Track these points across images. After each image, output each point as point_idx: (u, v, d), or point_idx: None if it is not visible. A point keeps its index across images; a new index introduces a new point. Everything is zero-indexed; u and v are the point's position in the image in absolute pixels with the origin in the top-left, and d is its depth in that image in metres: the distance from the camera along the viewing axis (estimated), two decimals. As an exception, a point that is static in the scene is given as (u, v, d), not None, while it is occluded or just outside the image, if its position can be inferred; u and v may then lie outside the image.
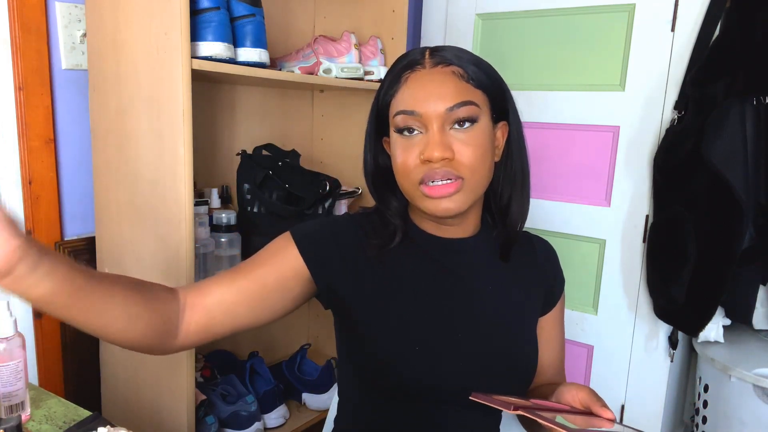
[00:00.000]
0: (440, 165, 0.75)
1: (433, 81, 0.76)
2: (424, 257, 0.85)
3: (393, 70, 0.81)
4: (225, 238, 1.26)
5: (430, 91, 0.75)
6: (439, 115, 0.75)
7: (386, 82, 0.81)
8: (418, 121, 0.76)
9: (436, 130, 0.75)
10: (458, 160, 0.75)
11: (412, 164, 0.76)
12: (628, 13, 1.59)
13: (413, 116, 0.76)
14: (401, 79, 0.78)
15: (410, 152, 0.76)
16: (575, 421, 0.66)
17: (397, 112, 0.78)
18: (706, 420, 1.60)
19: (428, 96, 0.75)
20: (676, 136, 1.49)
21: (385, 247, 0.83)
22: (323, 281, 0.82)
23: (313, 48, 1.49)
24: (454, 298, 0.84)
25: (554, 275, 0.94)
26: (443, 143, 0.74)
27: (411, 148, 0.77)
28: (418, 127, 0.76)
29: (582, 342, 1.76)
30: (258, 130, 1.67)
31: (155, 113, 1.12)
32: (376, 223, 0.86)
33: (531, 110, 1.76)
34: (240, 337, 1.71)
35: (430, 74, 0.77)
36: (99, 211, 1.29)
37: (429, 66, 0.77)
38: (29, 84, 1.21)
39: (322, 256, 0.82)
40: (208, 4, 1.13)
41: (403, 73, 0.78)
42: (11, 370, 0.83)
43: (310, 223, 0.86)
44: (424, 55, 0.79)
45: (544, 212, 1.77)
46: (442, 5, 1.92)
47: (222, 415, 1.34)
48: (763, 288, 1.54)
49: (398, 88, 0.78)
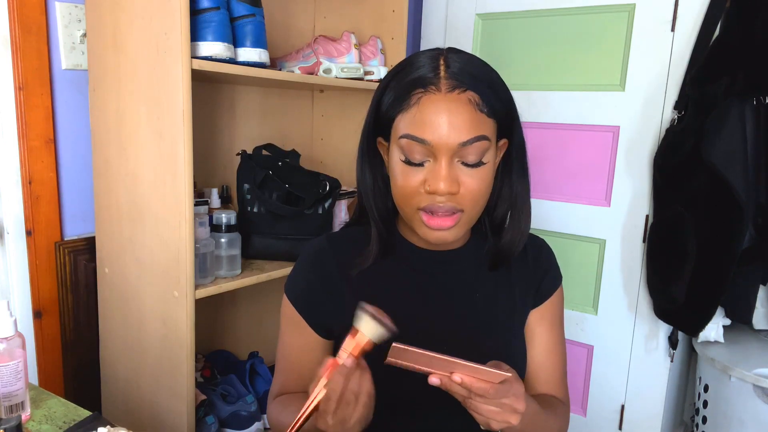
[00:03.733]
0: (445, 199, 0.73)
1: (449, 110, 0.71)
2: (410, 269, 0.85)
3: (401, 78, 0.75)
4: (225, 238, 1.26)
5: (444, 120, 0.71)
6: (450, 148, 0.71)
7: (392, 91, 0.76)
8: (427, 150, 0.72)
9: (445, 163, 0.71)
10: (462, 193, 0.73)
11: (414, 190, 0.74)
12: (628, 13, 1.59)
13: (423, 145, 0.71)
14: (412, 97, 0.73)
15: (413, 178, 0.74)
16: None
17: (404, 134, 0.73)
18: (706, 420, 1.60)
19: (442, 125, 0.71)
20: (676, 136, 1.49)
21: (366, 265, 0.83)
22: (323, 329, 0.85)
23: (313, 48, 1.49)
24: (440, 308, 0.84)
25: (545, 269, 0.91)
26: (451, 177, 0.72)
27: (415, 175, 0.74)
28: (425, 155, 0.73)
29: (582, 342, 1.76)
30: (258, 130, 1.67)
31: (155, 113, 1.12)
32: (358, 241, 0.86)
33: (531, 110, 1.76)
34: (240, 337, 1.71)
35: (445, 101, 0.71)
36: (99, 211, 1.30)
37: (444, 89, 0.71)
38: (29, 84, 1.21)
39: (314, 306, 0.85)
40: (208, 4, 1.13)
41: (414, 89, 0.73)
42: (11, 370, 0.83)
43: (296, 268, 0.88)
44: (438, 72, 0.73)
45: (544, 212, 1.77)
46: (442, 5, 1.92)
47: (222, 415, 1.34)
48: (763, 288, 1.54)
49: (407, 107, 0.73)
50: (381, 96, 0.78)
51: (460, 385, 0.65)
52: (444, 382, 0.65)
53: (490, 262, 0.87)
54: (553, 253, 0.94)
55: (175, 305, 1.16)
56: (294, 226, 1.39)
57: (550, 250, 0.94)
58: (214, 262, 1.24)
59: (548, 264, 0.92)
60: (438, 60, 0.74)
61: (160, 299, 1.19)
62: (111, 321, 1.32)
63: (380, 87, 0.79)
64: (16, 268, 1.25)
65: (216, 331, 1.67)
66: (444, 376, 0.65)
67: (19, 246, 1.24)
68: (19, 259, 1.24)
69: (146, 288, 1.22)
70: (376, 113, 0.79)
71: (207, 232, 1.23)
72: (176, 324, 1.16)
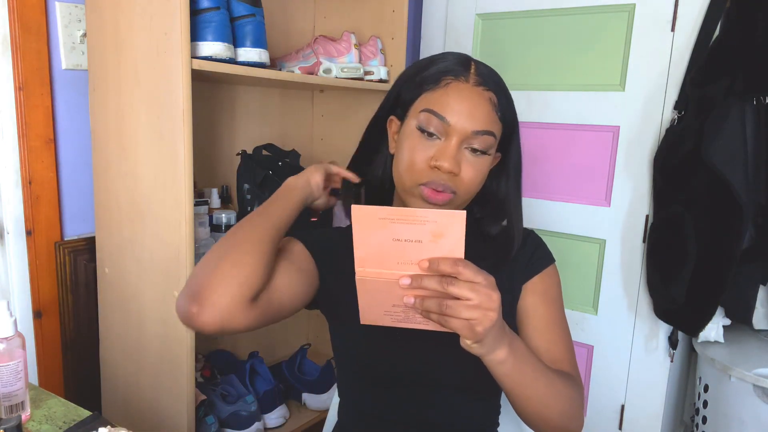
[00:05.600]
0: (446, 177, 0.79)
1: (472, 99, 0.79)
2: None
3: (432, 65, 0.82)
4: (225, 238, 1.26)
5: (466, 107, 0.78)
6: (464, 132, 0.78)
7: (423, 72, 0.82)
8: (444, 128, 0.79)
9: (455, 144, 0.78)
10: (461, 177, 0.80)
11: (420, 165, 0.80)
12: (628, 13, 1.59)
13: (442, 122, 0.78)
14: (441, 80, 0.80)
15: (422, 153, 0.79)
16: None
17: (426, 109, 0.79)
18: (706, 420, 1.60)
19: (463, 110, 0.78)
20: (676, 136, 1.49)
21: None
22: (323, 274, 0.89)
23: (313, 48, 1.49)
24: None
25: (534, 249, 0.91)
26: (456, 158, 0.78)
27: (424, 149, 0.79)
28: (439, 132, 0.79)
29: (582, 342, 1.76)
30: (258, 130, 1.67)
31: (155, 113, 1.12)
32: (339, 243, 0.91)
33: (531, 110, 1.76)
34: (240, 337, 1.71)
35: (471, 91, 0.79)
36: (99, 211, 1.30)
37: (472, 82, 0.80)
38: (29, 84, 1.21)
39: (321, 251, 0.89)
40: (208, 4, 1.13)
41: (445, 75, 0.80)
42: (11, 370, 0.83)
43: (306, 230, 0.93)
44: (469, 67, 0.81)
45: (544, 212, 1.77)
46: (442, 5, 1.92)
47: (222, 415, 1.35)
48: (763, 288, 1.54)
49: (436, 87, 0.80)
50: (405, 82, 0.85)
51: (429, 272, 0.64)
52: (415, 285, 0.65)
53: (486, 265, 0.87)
54: (541, 240, 0.95)
55: (175, 305, 1.16)
56: (294, 226, 1.39)
57: (538, 237, 0.95)
58: (214, 262, 1.24)
59: (535, 246, 0.92)
60: (469, 62, 0.82)
61: (160, 299, 1.19)
62: (111, 321, 1.32)
63: (404, 77, 0.86)
64: (16, 268, 1.25)
65: (216, 331, 1.66)
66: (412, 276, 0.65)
67: (19, 246, 1.24)
68: (19, 259, 1.24)
69: (146, 288, 1.22)
70: (398, 96, 0.86)
71: (207, 232, 1.23)
72: (176, 324, 1.16)
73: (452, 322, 0.64)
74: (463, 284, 0.63)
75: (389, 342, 0.85)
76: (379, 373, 0.87)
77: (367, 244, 0.65)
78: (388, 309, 0.69)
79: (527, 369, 0.74)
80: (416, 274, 0.65)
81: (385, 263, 0.66)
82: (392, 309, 0.69)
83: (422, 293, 0.65)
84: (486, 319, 0.64)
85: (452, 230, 0.63)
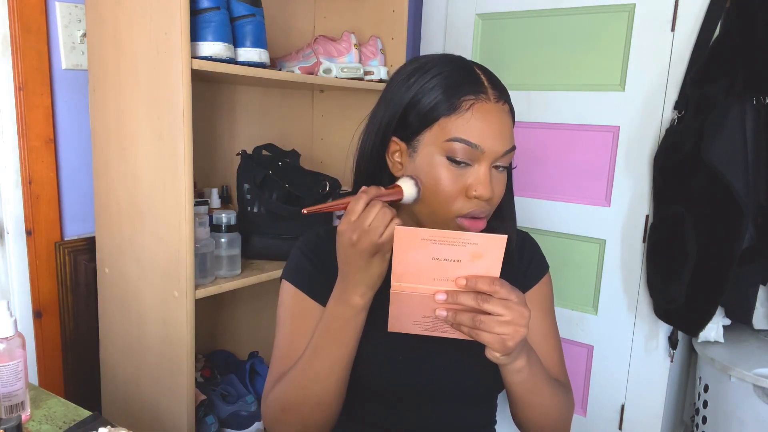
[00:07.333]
0: (484, 203, 0.77)
1: (500, 119, 0.76)
2: None
3: (448, 82, 0.75)
4: (225, 238, 1.26)
5: (496, 128, 0.75)
6: (495, 155, 0.75)
7: (436, 91, 0.76)
8: (475, 155, 0.75)
9: (486, 168, 0.75)
10: (492, 199, 0.78)
11: (457, 195, 0.76)
12: (628, 13, 1.59)
13: (477, 150, 0.74)
14: (462, 103, 0.74)
15: (457, 184, 0.75)
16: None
17: (458, 138, 0.74)
18: (706, 420, 1.60)
19: (493, 133, 0.75)
20: (676, 136, 1.49)
21: None
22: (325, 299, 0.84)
23: (313, 48, 1.49)
24: None
25: (530, 258, 0.93)
26: (491, 183, 0.76)
27: (457, 179, 0.75)
28: (469, 158, 0.75)
29: (582, 342, 1.76)
30: (258, 130, 1.67)
31: (155, 113, 1.12)
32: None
33: (531, 110, 1.76)
34: (240, 337, 1.71)
35: (495, 111, 0.76)
36: (99, 211, 1.29)
37: (493, 99, 0.76)
38: (29, 84, 1.21)
39: (318, 282, 0.85)
40: (208, 4, 1.13)
41: (465, 95, 0.75)
42: (11, 370, 0.83)
43: (294, 255, 0.89)
44: (479, 79, 0.76)
45: (544, 212, 1.77)
46: (442, 5, 1.92)
47: (222, 415, 1.35)
48: (763, 288, 1.54)
49: (460, 111, 0.74)
50: (409, 105, 0.77)
51: (465, 289, 0.67)
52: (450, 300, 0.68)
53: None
54: (537, 244, 0.96)
55: (175, 305, 1.16)
56: (294, 226, 1.39)
57: (534, 241, 0.97)
58: (214, 262, 1.24)
59: (533, 253, 0.94)
60: (473, 71, 0.78)
61: (160, 299, 1.19)
62: (111, 321, 1.32)
63: (403, 95, 0.78)
64: (16, 268, 1.25)
65: (216, 331, 1.67)
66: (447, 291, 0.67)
67: (19, 246, 1.24)
68: (19, 259, 1.24)
69: (146, 288, 1.22)
70: (404, 114, 0.78)
71: (207, 232, 1.23)
72: (176, 324, 1.16)
73: (484, 336, 0.67)
74: (497, 301, 0.67)
75: (389, 354, 0.84)
76: (378, 384, 0.85)
77: (406, 261, 0.67)
78: (417, 319, 0.72)
79: (538, 377, 0.78)
80: (452, 290, 0.68)
81: (422, 279, 0.68)
82: (422, 319, 0.71)
83: (456, 307, 0.68)
84: (517, 335, 0.67)
85: (492, 252, 0.66)
